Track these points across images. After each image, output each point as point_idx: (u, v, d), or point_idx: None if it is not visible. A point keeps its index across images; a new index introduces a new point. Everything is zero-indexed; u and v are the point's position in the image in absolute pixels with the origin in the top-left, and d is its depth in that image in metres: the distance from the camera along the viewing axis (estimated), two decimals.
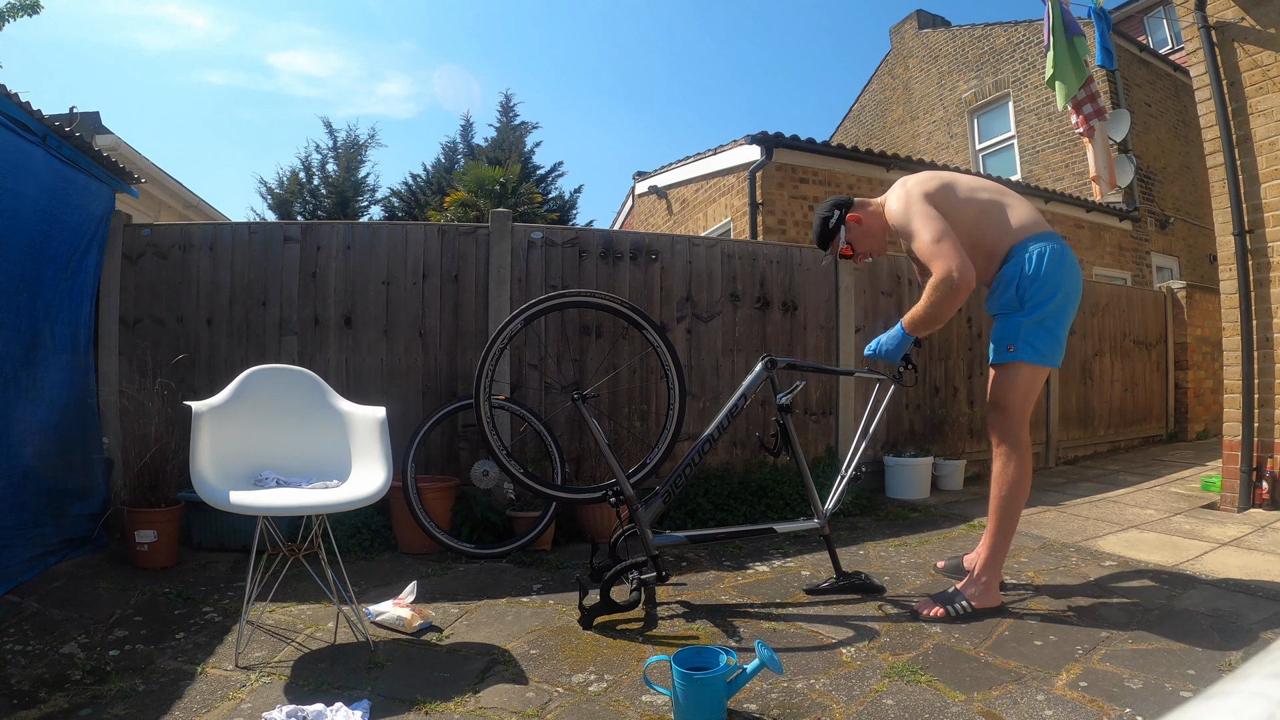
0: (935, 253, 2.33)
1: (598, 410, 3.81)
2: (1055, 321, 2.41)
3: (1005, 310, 2.45)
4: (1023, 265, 2.38)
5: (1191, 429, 7.14)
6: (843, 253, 2.69)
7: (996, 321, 2.51)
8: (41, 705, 1.80)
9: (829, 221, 2.66)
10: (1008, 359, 2.43)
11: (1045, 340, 2.40)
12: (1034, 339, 2.39)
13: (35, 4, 6.39)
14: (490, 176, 10.58)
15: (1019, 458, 2.42)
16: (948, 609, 2.38)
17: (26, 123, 2.87)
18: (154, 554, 3.00)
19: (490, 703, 1.85)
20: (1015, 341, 2.40)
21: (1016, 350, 2.40)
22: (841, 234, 2.65)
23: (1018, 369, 2.42)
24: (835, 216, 2.66)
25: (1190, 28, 4.04)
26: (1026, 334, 2.39)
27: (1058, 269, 2.37)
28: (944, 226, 2.36)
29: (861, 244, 2.69)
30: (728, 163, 7.53)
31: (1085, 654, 2.07)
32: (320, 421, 2.51)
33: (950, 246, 2.32)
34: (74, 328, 3.28)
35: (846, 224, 2.65)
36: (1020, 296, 2.38)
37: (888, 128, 12.97)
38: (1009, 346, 2.42)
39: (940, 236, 2.34)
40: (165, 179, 8.11)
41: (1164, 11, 12.96)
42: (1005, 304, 2.44)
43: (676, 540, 2.68)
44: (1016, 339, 2.40)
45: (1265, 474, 3.80)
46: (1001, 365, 2.46)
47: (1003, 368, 2.46)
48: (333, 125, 20.33)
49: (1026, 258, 2.38)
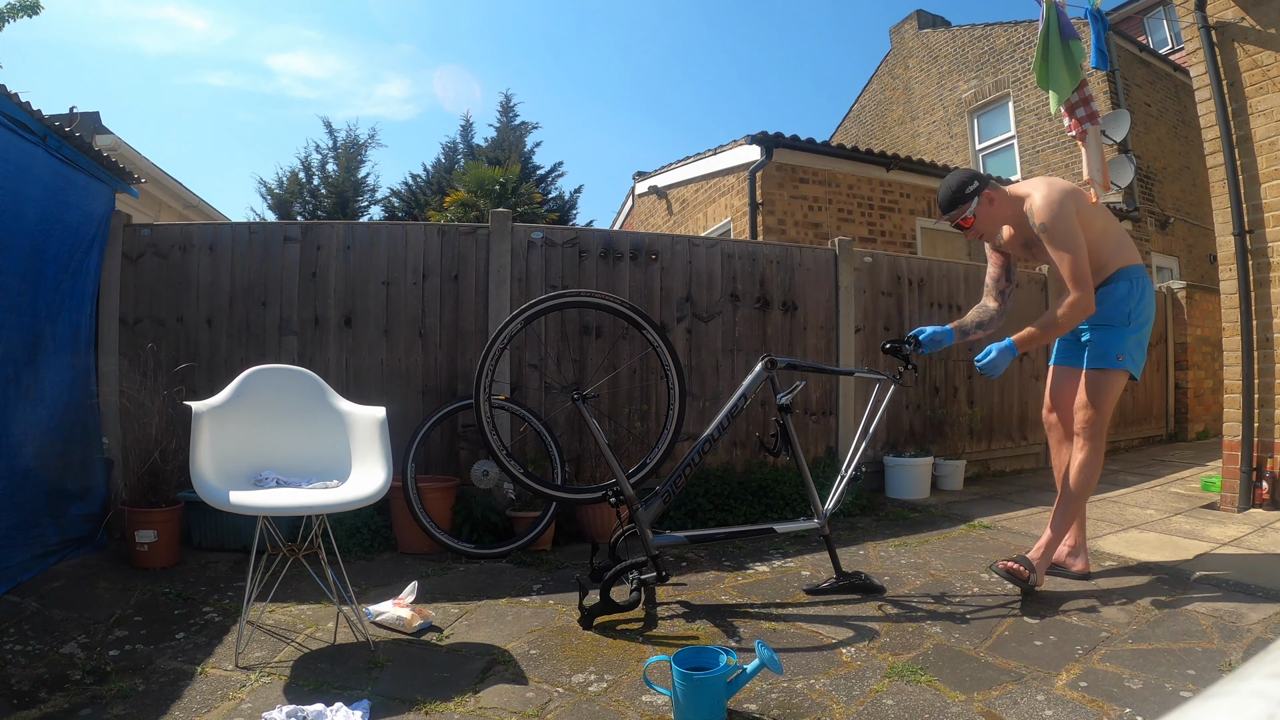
0: (1079, 276, 2.50)
1: (598, 410, 3.81)
2: (1146, 340, 2.74)
3: (1113, 323, 2.66)
4: (1134, 288, 2.64)
5: (1191, 429, 7.14)
6: (962, 222, 2.72)
7: (1099, 331, 2.69)
8: (42, 705, 1.80)
9: (965, 188, 2.69)
10: (1115, 366, 2.64)
11: (1140, 354, 2.70)
12: (1134, 352, 2.67)
13: (35, 4, 6.38)
14: (490, 176, 10.57)
15: (1101, 449, 2.68)
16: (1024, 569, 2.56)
17: (27, 123, 2.87)
18: (154, 554, 3.00)
19: (490, 703, 1.85)
20: (1122, 351, 2.65)
21: (1125, 360, 2.65)
22: (973, 204, 2.68)
23: (1118, 375, 2.65)
24: (975, 186, 2.69)
25: (1190, 28, 4.04)
26: (1131, 348, 2.65)
27: (1152, 297, 2.72)
28: (1084, 251, 2.53)
29: (984, 222, 2.74)
30: (728, 163, 7.53)
31: (1085, 654, 2.08)
32: (320, 421, 2.51)
33: (1086, 274, 2.52)
34: (75, 328, 3.28)
35: (980, 198, 2.69)
36: (1129, 314, 2.64)
37: (888, 128, 12.98)
38: (1119, 356, 2.64)
39: (1080, 260, 2.52)
40: (165, 179, 8.11)
41: (1164, 11, 12.95)
42: (1115, 318, 2.65)
43: (676, 540, 2.68)
44: (1124, 349, 2.65)
45: (1265, 474, 3.79)
46: (1103, 371, 2.66)
47: (1103, 373, 2.66)
48: (332, 125, 20.35)
49: (1138, 282, 2.66)
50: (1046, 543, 2.68)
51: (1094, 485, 2.72)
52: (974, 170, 2.82)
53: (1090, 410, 2.65)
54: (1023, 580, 2.53)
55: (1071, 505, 2.68)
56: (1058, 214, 2.54)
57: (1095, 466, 2.67)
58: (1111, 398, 2.66)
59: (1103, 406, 2.65)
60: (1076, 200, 2.61)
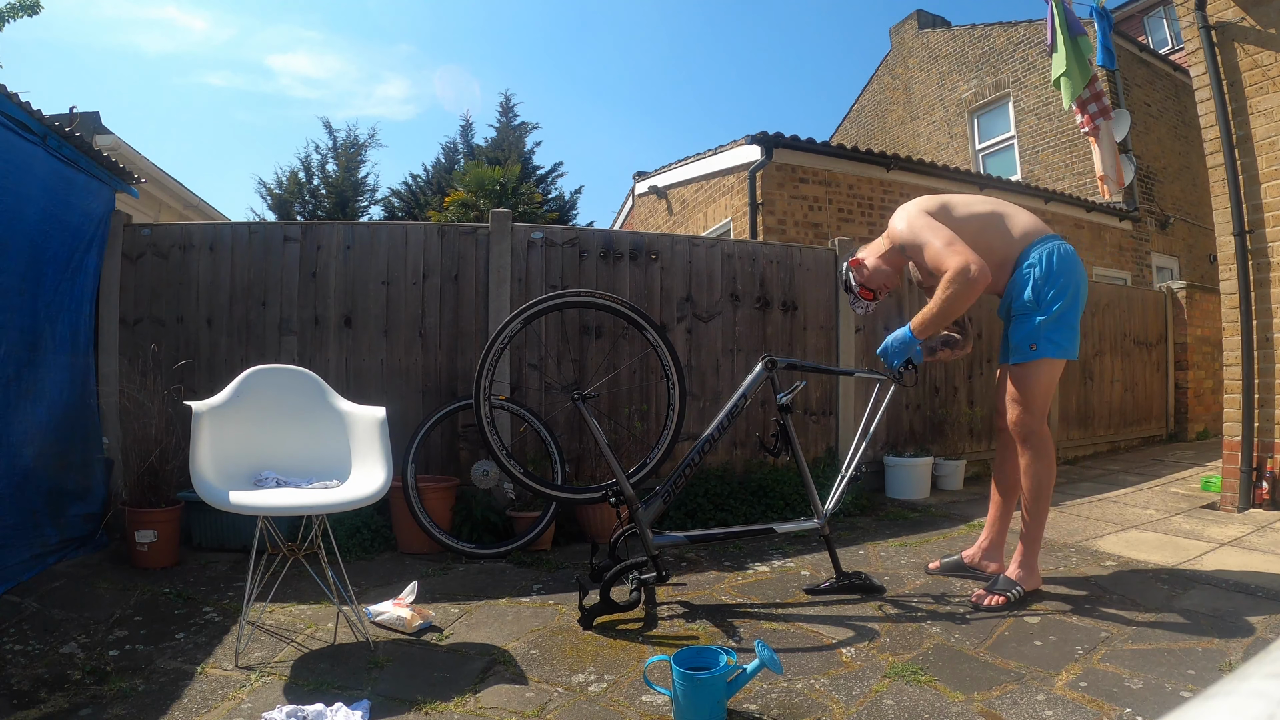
0: (949, 252, 2.43)
1: (598, 410, 3.81)
2: (1072, 315, 2.53)
3: (1022, 312, 2.54)
4: (1035, 267, 2.49)
5: (1191, 429, 7.14)
6: (864, 296, 2.82)
7: (1013, 324, 2.60)
8: (41, 705, 1.80)
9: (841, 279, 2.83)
10: (1031, 357, 2.52)
11: (1064, 334, 2.51)
12: (1053, 335, 2.50)
13: (35, 4, 6.38)
14: (490, 176, 10.57)
15: (1044, 450, 2.54)
16: (1007, 595, 2.50)
17: (27, 123, 2.87)
18: (154, 554, 3.00)
19: (490, 703, 1.85)
20: (1037, 340, 2.50)
21: (1039, 348, 2.50)
22: (851, 281, 2.81)
23: (1039, 365, 2.52)
24: (842, 270, 2.86)
25: (1190, 28, 4.04)
26: (1046, 331, 2.49)
27: (1068, 266, 2.50)
28: (946, 233, 2.49)
29: (878, 280, 2.80)
30: (728, 163, 7.53)
31: (1085, 654, 2.08)
32: (320, 421, 2.51)
33: (964, 245, 2.44)
34: (74, 328, 3.28)
35: (852, 273, 2.80)
36: (1037, 297, 2.49)
37: (888, 128, 12.97)
38: (1031, 345, 2.51)
39: (951, 239, 2.46)
40: (165, 179, 8.10)
41: (1164, 11, 12.96)
42: (1022, 306, 2.53)
43: (676, 540, 2.68)
44: (1038, 337, 2.50)
45: (1265, 474, 3.80)
46: (1022, 364, 2.55)
47: (1023, 367, 2.55)
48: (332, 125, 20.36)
49: (1037, 260, 2.50)
50: (1021, 555, 2.60)
51: (1049, 486, 2.57)
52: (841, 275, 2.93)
53: (1017, 408, 2.55)
54: (1011, 605, 2.48)
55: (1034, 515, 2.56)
56: (907, 223, 2.58)
57: (1043, 470, 2.54)
58: (1037, 391, 2.52)
59: (1030, 403, 2.52)
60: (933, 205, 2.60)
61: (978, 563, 2.83)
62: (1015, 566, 2.61)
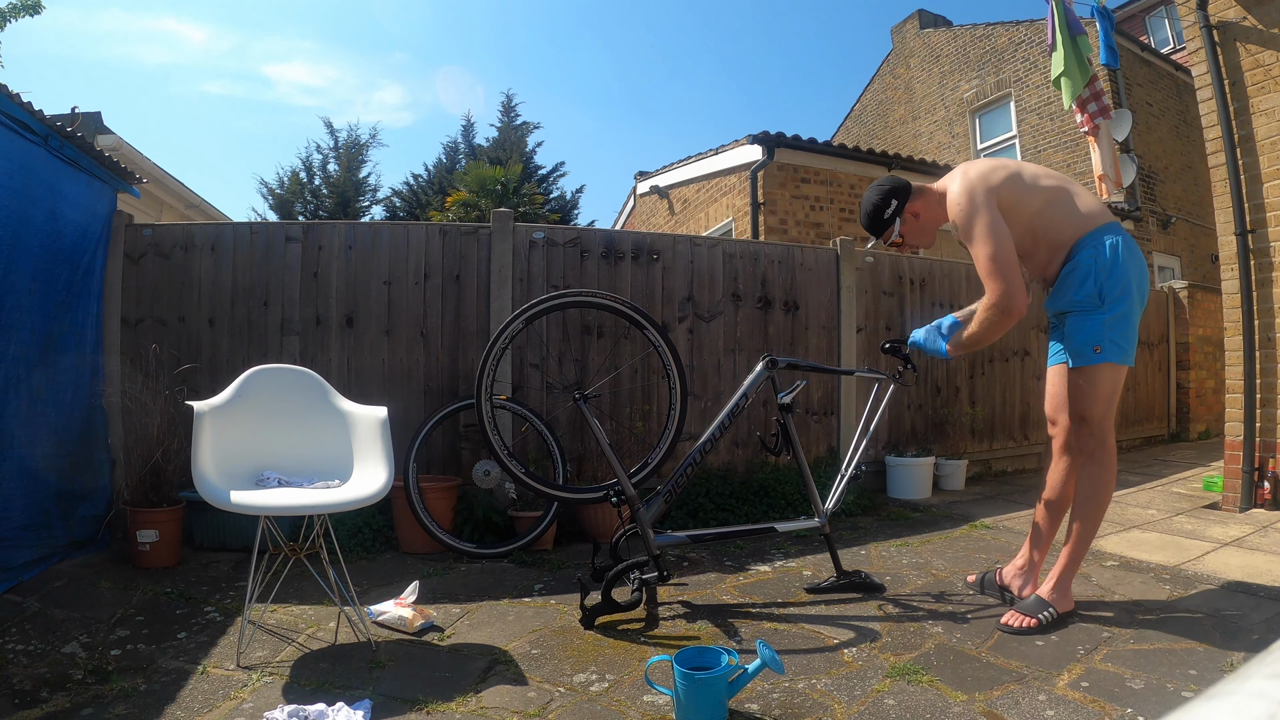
0: (990, 271, 2.18)
1: (599, 410, 3.81)
2: (1135, 315, 2.24)
3: (1084, 308, 2.23)
4: (1100, 256, 2.18)
5: (1193, 429, 7.13)
6: (893, 243, 2.50)
7: (1070, 320, 2.28)
8: (43, 705, 1.81)
9: (884, 211, 2.43)
10: (1095, 360, 2.22)
11: (1128, 336, 2.22)
12: (1118, 336, 2.20)
13: (36, 4, 6.39)
14: (492, 176, 10.58)
15: (1109, 464, 2.29)
16: (1039, 617, 2.25)
17: (29, 123, 2.88)
18: (156, 554, 3.01)
19: (492, 703, 1.85)
20: (1101, 341, 2.20)
21: (1104, 350, 2.20)
22: (896, 226, 2.44)
23: (1103, 370, 2.23)
24: (893, 207, 2.43)
25: (1192, 27, 4.03)
26: (1110, 332, 2.19)
27: (1133, 260, 2.21)
28: (1003, 242, 2.19)
29: (914, 237, 2.49)
30: (729, 162, 7.53)
31: (1087, 654, 2.07)
32: (322, 421, 2.51)
33: (1006, 267, 2.17)
34: (82, 329, 3.29)
35: (903, 217, 2.44)
36: (1100, 291, 2.18)
37: (889, 127, 12.97)
38: (1095, 348, 2.21)
39: (997, 253, 2.17)
40: (167, 179, 8.11)
41: (1165, 11, 12.94)
42: (1083, 300, 2.22)
43: (678, 540, 2.68)
44: (1102, 339, 2.20)
45: (1267, 474, 3.79)
46: (1084, 370, 2.25)
47: (1084, 371, 2.25)
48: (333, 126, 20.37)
49: (1104, 247, 2.19)
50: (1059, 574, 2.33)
51: (1106, 503, 2.32)
52: (893, 184, 2.47)
53: (1083, 417, 2.28)
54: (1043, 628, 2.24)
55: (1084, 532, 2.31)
56: (966, 209, 2.24)
57: (1104, 485, 2.30)
58: (1103, 397, 2.24)
59: (1095, 410, 2.24)
60: (999, 178, 2.26)
61: (1007, 581, 2.54)
62: (1050, 587, 2.32)
